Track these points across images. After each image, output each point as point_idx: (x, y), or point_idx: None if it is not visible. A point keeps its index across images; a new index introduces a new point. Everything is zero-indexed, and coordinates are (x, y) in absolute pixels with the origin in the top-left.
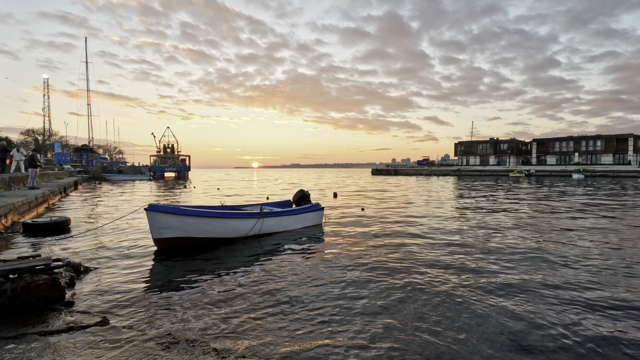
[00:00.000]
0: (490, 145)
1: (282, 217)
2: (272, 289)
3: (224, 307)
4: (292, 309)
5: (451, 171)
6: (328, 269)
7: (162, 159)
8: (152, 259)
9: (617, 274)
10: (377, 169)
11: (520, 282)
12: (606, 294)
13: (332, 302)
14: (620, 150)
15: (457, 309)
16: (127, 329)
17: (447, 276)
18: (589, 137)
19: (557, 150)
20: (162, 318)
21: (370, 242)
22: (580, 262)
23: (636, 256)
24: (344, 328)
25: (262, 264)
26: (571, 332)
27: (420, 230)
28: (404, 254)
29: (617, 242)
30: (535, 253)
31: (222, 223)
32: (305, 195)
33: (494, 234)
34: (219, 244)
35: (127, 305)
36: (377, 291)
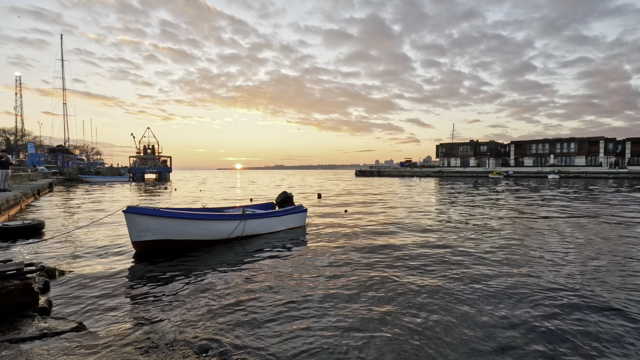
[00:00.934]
0: (471, 147)
1: (264, 218)
2: (254, 292)
3: (204, 311)
4: (274, 313)
5: (433, 172)
6: (310, 272)
7: (142, 160)
8: (131, 263)
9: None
10: (361, 170)
11: (500, 282)
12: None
13: (314, 305)
14: (592, 152)
15: (435, 313)
16: (104, 333)
17: (427, 277)
18: (563, 139)
19: (533, 152)
20: (141, 322)
21: (352, 243)
22: (552, 260)
23: (603, 256)
24: (325, 332)
25: (244, 266)
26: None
27: (403, 231)
28: (386, 256)
29: (585, 241)
30: (511, 252)
31: (203, 225)
32: (289, 197)
33: (476, 234)
34: (201, 246)
35: (104, 310)
36: (359, 295)
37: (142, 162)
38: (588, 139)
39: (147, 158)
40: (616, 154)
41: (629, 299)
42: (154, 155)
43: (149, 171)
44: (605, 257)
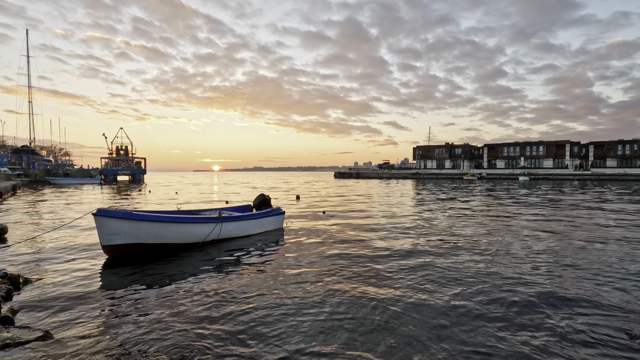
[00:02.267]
0: (446, 149)
1: (241, 221)
2: (228, 297)
3: (177, 317)
4: (248, 319)
5: (410, 174)
6: (286, 276)
7: (114, 161)
8: (101, 267)
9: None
10: (339, 172)
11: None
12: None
13: (290, 311)
14: (559, 155)
15: (410, 316)
16: (73, 342)
17: (404, 279)
18: (533, 143)
19: (505, 154)
20: (113, 329)
21: (330, 245)
22: (521, 258)
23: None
24: (302, 338)
25: (219, 270)
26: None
27: (380, 232)
28: (365, 258)
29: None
30: (487, 252)
31: (178, 228)
32: (266, 199)
33: (452, 234)
34: (176, 250)
35: (73, 318)
36: (337, 299)
37: (115, 164)
38: (555, 142)
39: (120, 159)
40: (580, 156)
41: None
42: (127, 157)
43: (121, 173)
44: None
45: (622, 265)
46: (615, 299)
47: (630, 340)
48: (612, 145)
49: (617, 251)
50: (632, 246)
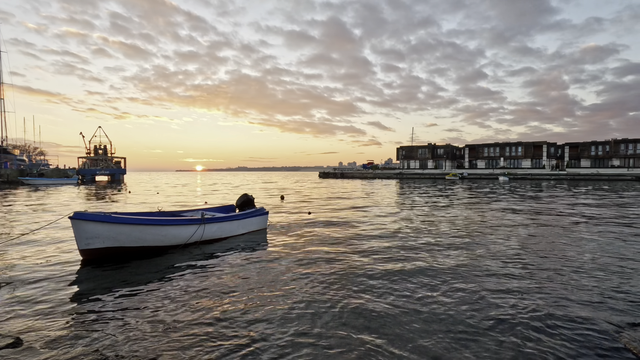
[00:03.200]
0: (429, 150)
1: (224, 222)
2: (211, 301)
3: (157, 323)
4: (230, 324)
5: (394, 174)
6: (271, 278)
7: (92, 161)
8: (77, 272)
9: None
10: (324, 172)
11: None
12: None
13: (273, 316)
14: (537, 155)
15: (391, 317)
16: (46, 348)
17: (389, 280)
18: (512, 143)
19: (485, 155)
20: (89, 334)
21: (315, 247)
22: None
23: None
24: (285, 344)
25: (201, 273)
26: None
27: (366, 232)
28: (350, 259)
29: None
30: (468, 252)
31: (159, 230)
32: (249, 199)
33: (432, 234)
34: (157, 252)
35: (47, 324)
36: (323, 302)
37: (93, 164)
38: (533, 143)
39: (99, 159)
40: (557, 157)
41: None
42: (106, 156)
43: (100, 173)
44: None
45: (598, 260)
46: (597, 293)
47: (616, 333)
48: (586, 146)
49: (593, 247)
50: (609, 241)
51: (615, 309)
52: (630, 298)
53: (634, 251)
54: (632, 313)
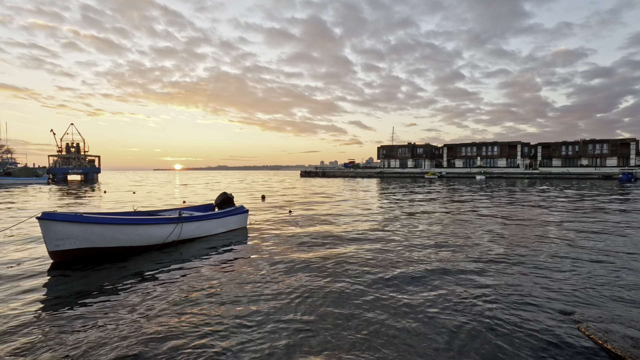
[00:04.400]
0: (409, 149)
1: (203, 221)
2: (187, 303)
3: (131, 326)
4: (208, 326)
5: (375, 173)
6: (250, 277)
7: (64, 159)
8: (46, 274)
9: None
10: (306, 171)
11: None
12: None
13: (252, 317)
14: (512, 155)
15: (372, 316)
16: (12, 356)
17: (369, 280)
18: (488, 143)
19: (463, 154)
20: (59, 340)
21: (296, 246)
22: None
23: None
24: (263, 347)
25: (178, 274)
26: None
27: (347, 232)
28: (331, 259)
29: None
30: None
31: (135, 230)
32: (229, 197)
33: (413, 232)
34: (133, 253)
35: (13, 330)
36: (303, 302)
37: (65, 162)
38: (508, 143)
39: (71, 157)
40: (530, 156)
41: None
42: (79, 154)
43: (73, 172)
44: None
45: (565, 254)
46: (558, 285)
47: (575, 324)
48: (557, 146)
49: (560, 242)
50: (574, 237)
51: (573, 297)
52: (584, 287)
53: (593, 244)
54: (587, 301)
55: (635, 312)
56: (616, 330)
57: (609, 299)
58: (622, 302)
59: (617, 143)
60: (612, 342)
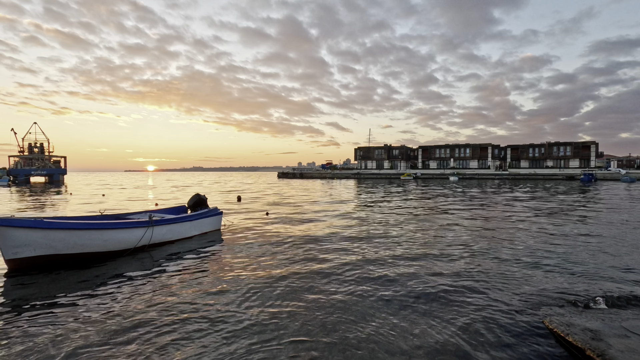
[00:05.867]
0: (385, 151)
1: (175, 224)
2: (158, 311)
3: (96, 338)
4: (180, 335)
5: (352, 174)
6: (225, 283)
7: (26, 160)
8: (2, 283)
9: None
10: (283, 172)
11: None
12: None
13: (225, 324)
14: (483, 156)
15: (353, 320)
16: None
17: (347, 284)
18: (461, 145)
19: (437, 156)
20: (16, 350)
21: (272, 247)
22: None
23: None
24: (238, 354)
25: (149, 280)
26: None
27: (324, 234)
28: (307, 260)
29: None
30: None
31: (102, 235)
32: (202, 199)
33: (386, 231)
34: (101, 259)
35: None
36: (281, 308)
37: (27, 163)
38: (479, 145)
39: (34, 158)
40: (500, 158)
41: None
42: (43, 155)
43: (36, 173)
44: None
45: (533, 251)
46: (526, 279)
47: (540, 318)
48: (525, 148)
49: (528, 239)
50: (540, 235)
51: (539, 291)
52: (550, 281)
53: (558, 238)
54: (552, 295)
55: (597, 306)
56: (577, 324)
57: (572, 293)
58: (584, 296)
59: (579, 145)
60: (573, 335)
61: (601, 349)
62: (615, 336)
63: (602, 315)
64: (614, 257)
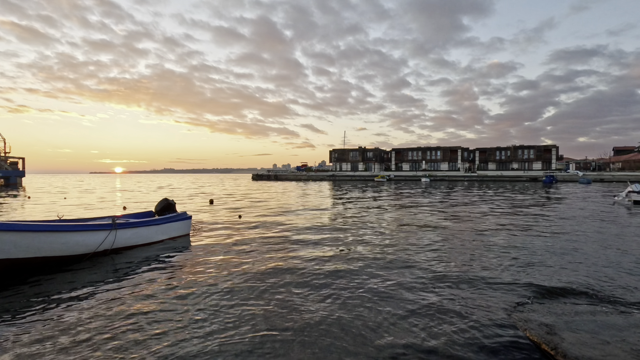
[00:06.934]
0: (359, 153)
1: (140, 227)
2: (120, 320)
3: (50, 350)
4: (141, 348)
5: (327, 176)
6: (193, 291)
7: None
8: None
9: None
10: (258, 174)
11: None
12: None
13: (192, 336)
14: (453, 159)
15: (327, 325)
16: None
17: (320, 287)
18: (432, 148)
19: (410, 158)
20: None
21: (244, 253)
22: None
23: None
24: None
25: (109, 286)
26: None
27: (299, 237)
28: (281, 267)
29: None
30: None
31: (59, 238)
32: (170, 204)
33: (363, 232)
34: (59, 264)
35: None
36: (247, 318)
37: None
38: (450, 148)
39: None
40: (469, 160)
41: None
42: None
43: None
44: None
45: (501, 249)
46: (496, 277)
47: (507, 315)
48: (492, 151)
49: (497, 237)
50: (508, 233)
51: (501, 287)
52: (512, 277)
53: (523, 240)
54: (513, 290)
55: (553, 301)
56: (535, 319)
57: (532, 289)
58: (543, 291)
59: (541, 149)
60: (531, 330)
61: (555, 343)
62: (568, 330)
63: (557, 310)
64: (567, 254)
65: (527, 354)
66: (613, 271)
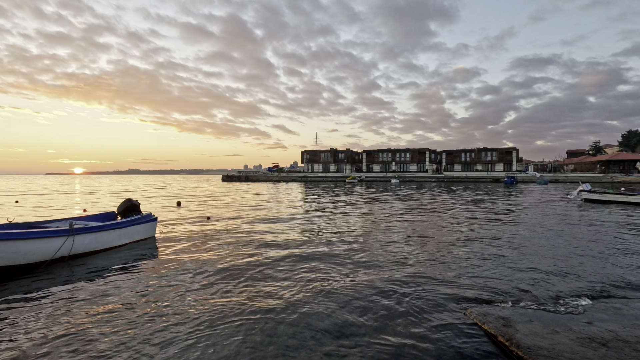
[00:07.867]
0: (331, 154)
1: (101, 232)
2: (77, 335)
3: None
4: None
5: (298, 177)
6: (159, 298)
7: None
8: None
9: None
10: (228, 175)
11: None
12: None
13: (161, 343)
14: (421, 160)
15: (286, 326)
16: None
17: (290, 289)
18: (401, 150)
19: (380, 160)
20: None
21: (212, 256)
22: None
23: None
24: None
25: (66, 298)
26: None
27: (269, 239)
28: (250, 270)
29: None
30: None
31: (8, 246)
32: (134, 204)
33: (334, 232)
34: (8, 274)
35: None
36: (221, 320)
37: None
38: (418, 150)
39: None
40: (437, 162)
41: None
42: None
43: None
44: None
45: (456, 245)
46: (450, 272)
47: (462, 309)
48: (458, 153)
49: (457, 237)
50: (470, 234)
51: (461, 284)
52: (472, 274)
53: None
54: (473, 287)
55: (509, 296)
56: (492, 313)
57: (489, 286)
58: (501, 287)
59: (502, 151)
60: (488, 323)
61: (510, 334)
62: (522, 322)
63: (513, 303)
64: (525, 253)
65: (483, 346)
66: (564, 263)
